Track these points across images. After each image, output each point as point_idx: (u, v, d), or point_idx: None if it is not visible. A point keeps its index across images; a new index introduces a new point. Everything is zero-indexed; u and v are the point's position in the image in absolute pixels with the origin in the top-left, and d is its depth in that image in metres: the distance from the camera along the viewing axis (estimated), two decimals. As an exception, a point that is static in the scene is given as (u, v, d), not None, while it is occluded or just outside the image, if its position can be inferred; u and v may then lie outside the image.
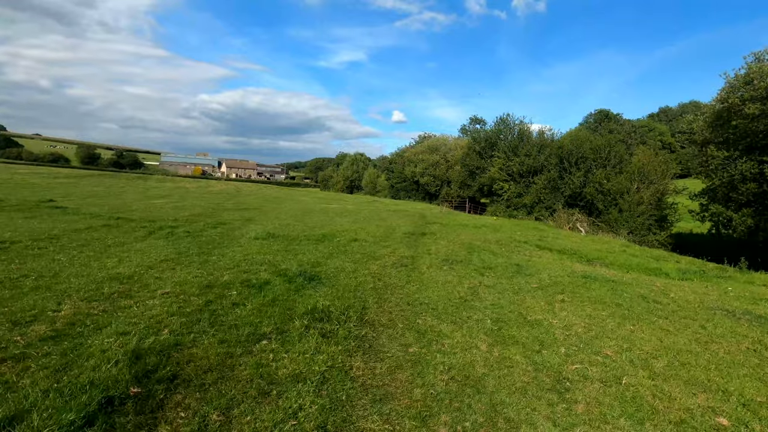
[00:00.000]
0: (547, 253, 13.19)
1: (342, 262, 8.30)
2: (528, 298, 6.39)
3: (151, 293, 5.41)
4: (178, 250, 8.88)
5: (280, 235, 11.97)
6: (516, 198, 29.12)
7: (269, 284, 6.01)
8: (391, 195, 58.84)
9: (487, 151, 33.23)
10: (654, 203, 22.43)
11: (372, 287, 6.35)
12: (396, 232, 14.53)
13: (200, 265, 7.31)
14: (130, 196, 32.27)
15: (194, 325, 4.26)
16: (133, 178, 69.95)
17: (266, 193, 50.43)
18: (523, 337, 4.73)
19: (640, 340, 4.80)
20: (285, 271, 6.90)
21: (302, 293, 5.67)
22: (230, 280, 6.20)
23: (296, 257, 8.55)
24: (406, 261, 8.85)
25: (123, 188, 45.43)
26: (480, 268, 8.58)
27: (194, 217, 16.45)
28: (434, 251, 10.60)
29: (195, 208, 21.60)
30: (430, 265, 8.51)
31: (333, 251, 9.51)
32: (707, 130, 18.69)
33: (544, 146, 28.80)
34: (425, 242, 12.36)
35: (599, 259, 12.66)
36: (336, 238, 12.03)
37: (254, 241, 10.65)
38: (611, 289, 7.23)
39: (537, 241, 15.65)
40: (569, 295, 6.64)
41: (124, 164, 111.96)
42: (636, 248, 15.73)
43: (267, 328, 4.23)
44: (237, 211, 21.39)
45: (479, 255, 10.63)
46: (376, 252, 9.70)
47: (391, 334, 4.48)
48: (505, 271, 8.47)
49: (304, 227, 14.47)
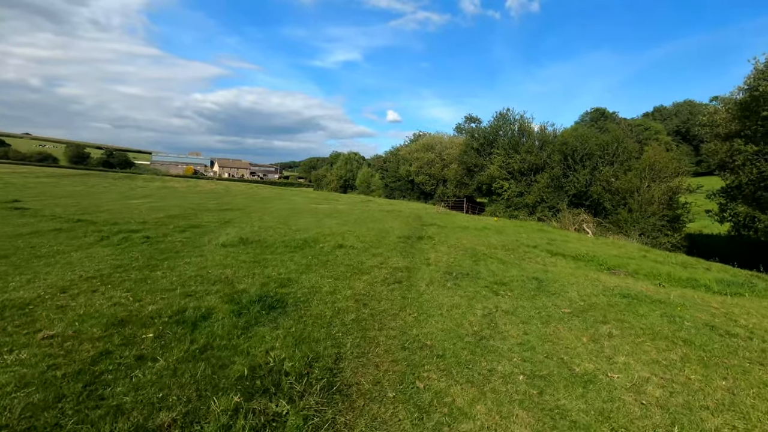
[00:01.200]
0: (561, 259, 11.59)
1: (320, 277, 6.62)
2: (564, 331, 4.75)
3: (29, 336, 3.71)
4: (119, 262, 7.17)
5: (255, 241, 10.28)
6: (517, 197, 27.56)
7: (210, 318, 4.32)
8: (386, 194, 57.15)
9: (486, 148, 31.63)
10: (665, 203, 20.94)
11: (354, 318, 4.67)
12: (389, 235, 12.87)
13: (133, 286, 5.61)
14: (110, 196, 30.41)
15: (45, 411, 2.56)
16: (120, 177, 67.94)
17: (256, 193, 48.59)
18: (578, 409, 3.08)
19: (753, 409, 3.17)
20: (240, 295, 5.21)
21: (252, 333, 3.99)
22: (158, 310, 4.50)
23: (264, 271, 6.86)
24: (400, 275, 7.19)
25: (106, 188, 43.48)
26: (492, 284, 6.94)
27: (166, 219, 14.71)
28: (434, 260, 8.95)
29: (173, 208, 19.85)
30: (430, 281, 6.84)
31: (312, 262, 7.82)
32: (732, 122, 17.09)
33: (546, 143, 27.25)
34: (422, 248, 10.71)
35: (621, 267, 11.08)
36: (319, 243, 10.36)
37: (220, 249, 8.95)
38: (664, 314, 5.61)
39: (546, 245, 14.05)
40: (616, 326, 5.01)
41: (114, 164, 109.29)
42: (656, 253, 14.19)
43: (167, 416, 2.53)
44: (218, 211, 19.64)
45: (487, 265, 8.99)
46: (364, 262, 8.03)
47: (376, 415, 2.80)
48: (523, 287, 6.83)
49: (286, 230, 12.78)
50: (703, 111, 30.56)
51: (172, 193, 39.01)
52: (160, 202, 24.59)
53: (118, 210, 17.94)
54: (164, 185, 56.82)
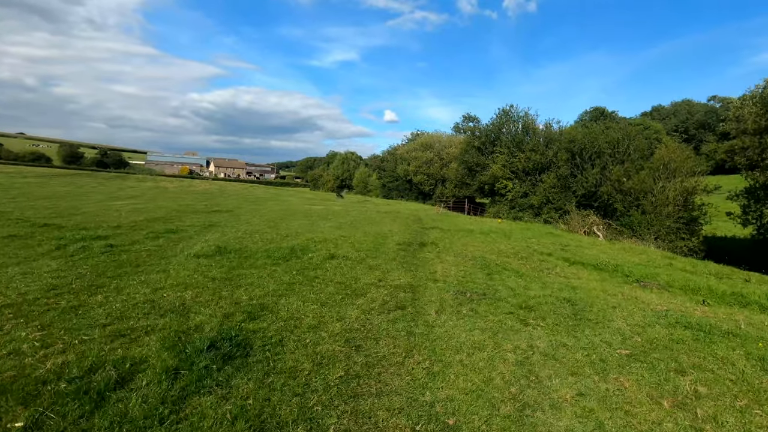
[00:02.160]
0: (582, 269, 10.31)
1: (303, 302, 5.29)
2: (632, 388, 3.43)
3: None
4: (59, 281, 5.82)
5: (234, 250, 8.95)
6: (521, 198, 26.27)
7: (131, 382, 2.97)
8: (383, 195, 55.76)
9: (488, 147, 30.30)
10: (680, 204, 19.68)
11: (341, 376, 3.34)
12: (388, 241, 11.56)
13: (55, 319, 4.26)
14: (95, 197, 29.00)
15: None
16: (112, 177, 66.49)
17: (250, 194, 47.21)
18: None
19: None
20: (190, 335, 3.87)
21: (185, 413, 2.64)
22: (61, 367, 3.14)
23: (234, 294, 5.52)
24: (403, 296, 5.86)
25: (95, 188, 42.03)
26: (516, 308, 5.61)
27: (144, 223, 13.36)
28: (441, 274, 7.63)
29: (158, 210, 18.49)
30: (440, 306, 5.51)
31: (296, 279, 6.49)
32: (763, 116, 15.78)
33: (552, 141, 25.96)
34: (426, 258, 9.39)
35: (649, 278, 9.81)
36: (308, 253, 9.04)
37: (191, 261, 7.61)
38: (749, 355, 4.31)
39: (561, 251, 12.77)
40: (699, 378, 3.69)
41: (108, 164, 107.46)
42: (682, 260, 12.92)
43: None
44: (205, 214, 18.29)
45: (503, 279, 7.68)
46: (359, 279, 6.69)
47: None
48: (555, 313, 5.51)
49: (274, 236, 11.46)
50: (727, 106, 29.16)
51: (162, 194, 37.55)
52: (147, 204, 23.21)
53: (95, 212, 16.56)
54: (156, 185, 55.40)
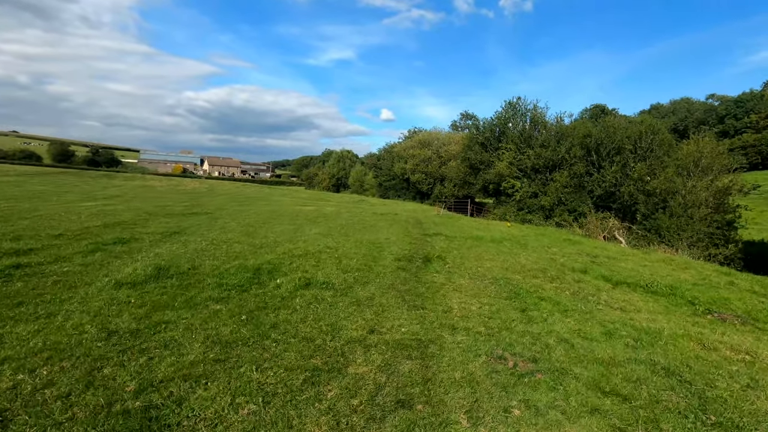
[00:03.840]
0: (631, 294, 8.07)
1: (230, 398, 3.01)
2: None
3: None
4: None
5: (179, 273, 6.69)
6: (530, 198, 24.03)
7: None
8: (380, 194, 53.41)
9: (493, 143, 28.03)
10: (713, 206, 17.50)
11: None
12: (384, 255, 9.30)
13: None
14: (67, 197, 26.62)
15: None
16: (99, 176, 63.97)
17: (240, 193, 44.87)
18: None
19: None
20: None
21: None
22: None
23: (120, 374, 3.23)
24: (407, 373, 3.59)
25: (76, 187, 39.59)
26: (594, 391, 3.37)
27: (96, 230, 11.10)
28: (459, 313, 5.37)
29: (125, 213, 16.16)
30: (473, 399, 3.25)
31: (241, 334, 4.20)
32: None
33: (564, 135, 23.73)
34: (435, 283, 7.12)
35: (720, 306, 7.60)
36: (278, 276, 6.78)
37: (105, 294, 5.34)
38: None
39: (592, 265, 10.55)
40: None
41: (100, 162, 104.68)
42: (742, 277, 10.70)
43: None
44: (180, 216, 15.98)
45: (545, 318, 5.43)
46: (338, 330, 4.42)
47: None
48: (665, 408, 3.25)
49: (244, 248, 9.22)
50: (726, 104, 27.11)
51: (145, 194, 35.21)
52: (119, 205, 20.82)
53: (51, 216, 14.14)
54: (144, 184, 53.04)
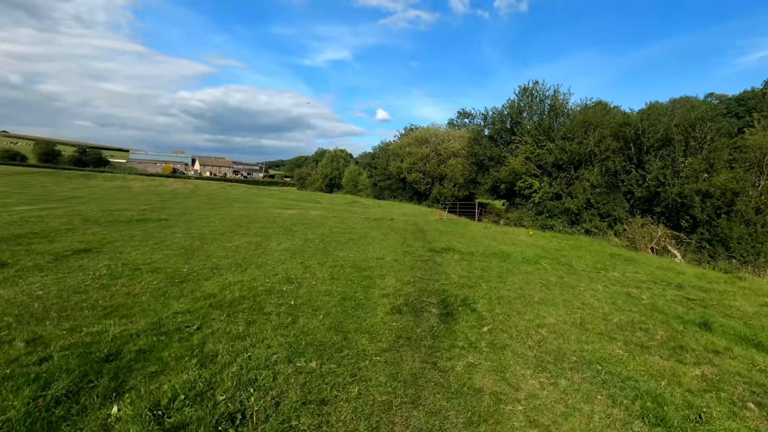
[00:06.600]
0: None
1: None
2: None
3: None
4: None
5: None
6: (551, 201, 20.19)
7: None
8: (374, 194, 49.52)
9: (504, 136, 24.20)
10: (791, 211, 13.80)
11: None
12: (372, 299, 5.54)
13: None
14: (16, 197, 22.91)
15: None
16: (76, 176, 60.15)
17: (221, 194, 41.10)
18: None
19: None
20: None
21: None
22: None
23: None
24: None
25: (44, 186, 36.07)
26: None
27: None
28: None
29: (58, 220, 12.99)
30: None
31: None
32: None
33: (593, 125, 19.93)
34: (472, 382, 3.86)
35: None
36: (124, 389, 3.16)
37: None
38: None
39: (698, 307, 6.73)
40: None
41: (87, 162, 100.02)
42: None
43: None
44: (123, 224, 12.85)
45: None
46: None
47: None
48: None
49: (156, 283, 5.58)
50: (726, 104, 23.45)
51: (114, 195, 31.52)
52: (64, 209, 16.95)
53: None
54: (122, 185, 49.39)
